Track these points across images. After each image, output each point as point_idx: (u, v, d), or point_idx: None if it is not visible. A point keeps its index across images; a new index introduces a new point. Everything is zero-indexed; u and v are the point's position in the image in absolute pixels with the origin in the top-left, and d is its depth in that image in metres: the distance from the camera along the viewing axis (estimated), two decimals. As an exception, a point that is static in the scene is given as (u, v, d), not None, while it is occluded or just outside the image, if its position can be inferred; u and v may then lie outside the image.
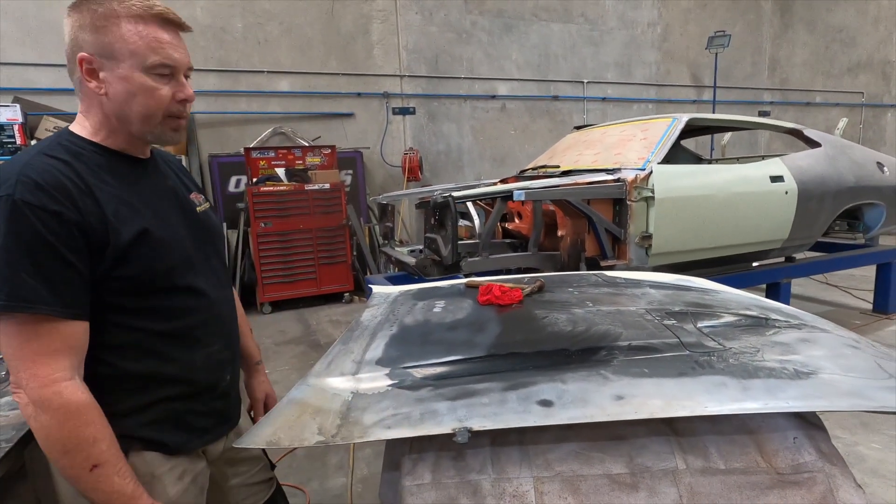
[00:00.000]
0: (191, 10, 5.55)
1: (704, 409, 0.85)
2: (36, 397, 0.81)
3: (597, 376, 0.97)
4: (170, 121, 0.96)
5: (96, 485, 0.85)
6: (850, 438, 2.47)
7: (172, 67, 0.93)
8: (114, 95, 0.91)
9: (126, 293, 0.92)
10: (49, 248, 0.81)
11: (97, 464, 0.84)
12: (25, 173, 0.83)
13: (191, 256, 1.02)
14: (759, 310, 1.34)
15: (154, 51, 0.90)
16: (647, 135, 3.29)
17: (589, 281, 1.71)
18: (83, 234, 0.85)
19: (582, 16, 7.50)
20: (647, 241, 2.96)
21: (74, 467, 0.84)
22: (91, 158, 0.92)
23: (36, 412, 0.82)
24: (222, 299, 1.10)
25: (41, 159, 0.86)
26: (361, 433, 0.87)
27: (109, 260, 0.88)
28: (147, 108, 0.92)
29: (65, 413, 0.82)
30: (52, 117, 4.86)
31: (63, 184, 0.84)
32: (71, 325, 0.85)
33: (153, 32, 0.90)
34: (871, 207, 4.00)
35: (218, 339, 1.08)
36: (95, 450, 0.84)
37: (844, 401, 0.87)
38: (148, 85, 0.91)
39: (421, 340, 1.21)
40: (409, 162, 6.39)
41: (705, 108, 8.41)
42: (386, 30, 6.45)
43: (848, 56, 9.75)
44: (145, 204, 0.96)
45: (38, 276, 0.81)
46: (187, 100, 0.96)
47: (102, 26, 0.87)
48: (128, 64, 0.89)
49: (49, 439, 0.83)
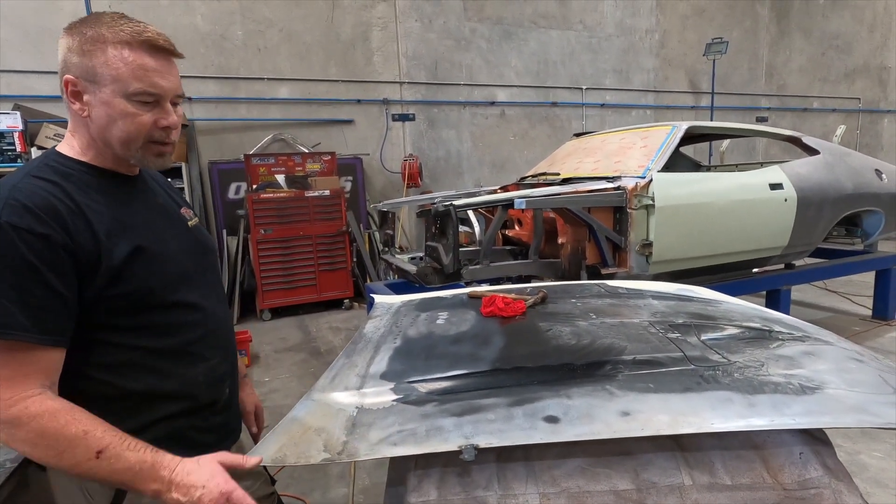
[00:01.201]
0: (191, 17, 5.58)
1: (711, 427, 0.85)
2: (5, 418, 0.78)
3: (602, 391, 0.97)
4: (152, 146, 0.95)
5: (112, 467, 0.81)
6: (852, 447, 2.47)
7: (156, 95, 0.91)
8: (96, 119, 0.91)
9: (121, 312, 0.91)
10: (33, 272, 0.80)
11: (100, 449, 0.80)
12: (13, 196, 0.82)
13: (186, 271, 1.02)
14: (762, 321, 1.35)
15: (137, 78, 0.89)
16: (646, 143, 3.30)
17: (591, 291, 1.71)
18: (72, 256, 0.84)
19: (580, 23, 7.55)
20: (648, 248, 2.97)
21: (80, 463, 0.80)
22: (80, 178, 0.91)
23: (11, 432, 0.79)
24: (219, 312, 1.10)
25: (29, 181, 0.86)
26: (367, 450, 0.86)
27: (103, 280, 0.87)
28: (127, 134, 0.91)
29: (38, 423, 0.79)
30: (52, 125, 4.86)
31: (53, 205, 0.84)
32: (47, 352, 0.83)
33: (139, 59, 0.89)
34: (870, 214, 4.01)
35: (216, 352, 1.07)
36: (91, 439, 0.80)
37: (850, 417, 0.87)
38: (128, 111, 0.90)
39: (425, 354, 1.21)
40: (409, 168, 6.40)
41: (703, 114, 8.45)
42: (385, 37, 6.48)
43: (844, 62, 9.82)
44: (138, 221, 0.96)
45: (18, 302, 0.79)
46: (170, 127, 0.95)
47: (89, 50, 0.88)
48: (109, 89, 0.88)
49: (37, 451, 0.80)
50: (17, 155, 4.54)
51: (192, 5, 5.61)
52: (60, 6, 5.09)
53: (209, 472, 0.84)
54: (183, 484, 0.82)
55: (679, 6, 8.24)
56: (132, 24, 0.90)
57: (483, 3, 6.93)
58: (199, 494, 0.81)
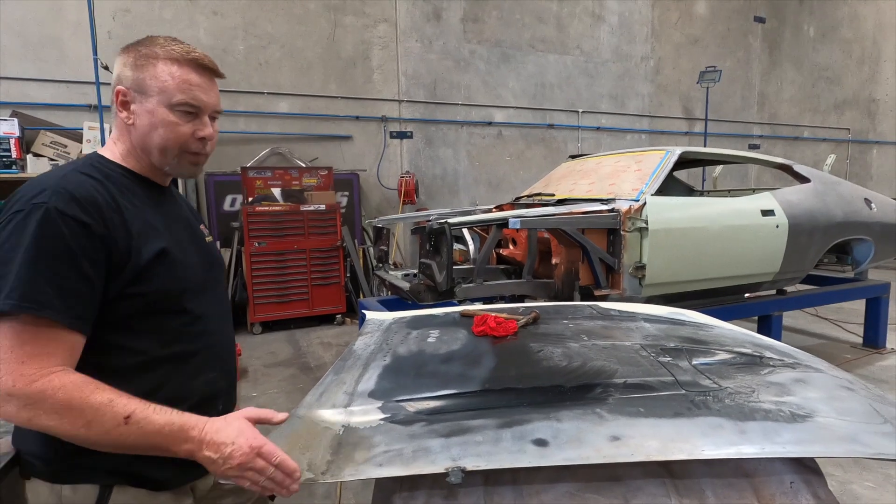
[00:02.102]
0: (194, 31, 5.65)
1: (702, 453, 0.84)
2: (27, 395, 0.79)
3: (592, 415, 0.96)
4: (188, 156, 1.02)
5: (142, 430, 0.82)
6: (844, 476, 2.45)
7: (197, 107, 0.99)
8: (139, 126, 0.98)
9: (137, 313, 0.94)
10: (71, 257, 0.85)
11: (127, 415, 0.81)
12: (62, 185, 0.88)
13: (201, 282, 1.06)
14: (753, 347, 1.34)
15: (181, 91, 0.97)
16: (641, 166, 3.34)
17: (584, 313, 1.70)
18: (106, 248, 0.89)
19: (577, 48, 7.70)
20: (641, 271, 2.98)
21: (110, 430, 0.81)
22: (119, 180, 0.99)
23: (35, 408, 0.79)
24: (224, 329, 1.13)
25: (77, 175, 0.93)
26: (352, 471, 0.85)
27: (128, 276, 0.92)
28: (166, 141, 0.99)
29: (64, 393, 0.80)
30: (49, 132, 4.86)
31: (95, 198, 0.90)
32: (71, 335, 0.85)
33: (185, 75, 0.97)
34: (860, 242, 4.06)
35: (216, 367, 1.08)
36: (117, 406, 0.82)
37: (840, 446, 0.86)
38: (170, 120, 0.97)
39: (414, 372, 1.20)
40: (406, 185, 6.43)
41: (697, 139, 8.59)
42: (386, 56, 6.58)
43: (834, 94, 10.06)
44: (165, 226, 1.02)
45: (54, 284, 0.83)
46: (206, 138, 1.02)
47: (142, 65, 0.97)
48: (155, 99, 0.97)
49: (65, 423, 0.80)
50: (13, 161, 4.52)
51: (195, 20, 5.68)
52: (64, 16, 5.13)
53: (237, 428, 0.86)
54: (213, 442, 0.84)
55: (674, 35, 8.44)
56: (182, 45, 0.99)
57: (482, 26, 7.07)
58: (229, 450, 0.83)
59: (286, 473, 0.83)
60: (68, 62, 5.18)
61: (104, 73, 4.29)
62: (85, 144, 4.83)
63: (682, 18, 8.48)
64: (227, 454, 0.83)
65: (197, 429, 0.85)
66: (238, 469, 0.82)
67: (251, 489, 0.84)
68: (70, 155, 4.86)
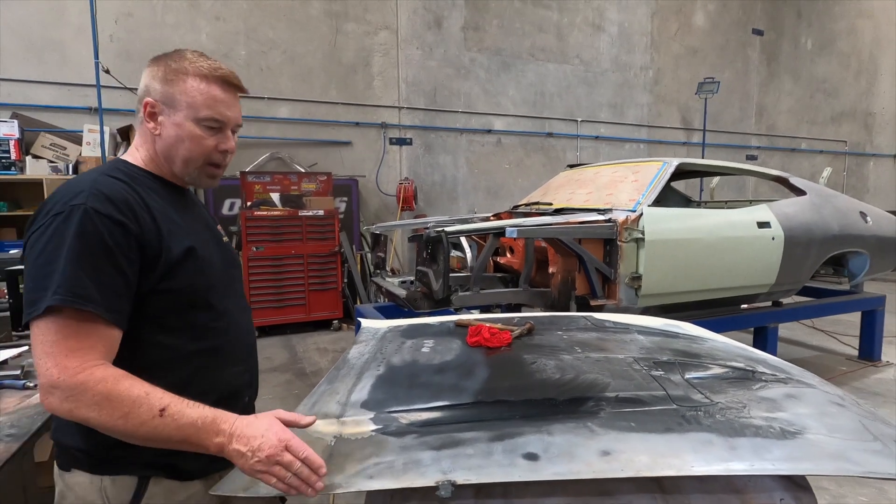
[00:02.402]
0: (196, 35, 5.67)
1: (691, 469, 0.84)
2: (70, 386, 0.82)
3: (584, 429, 0.96)
4: (208, 168, 1.08)
5: (177, 423, 0.85)
6: (838, 491, 2.44)
7: (221, 122, 1.04)
8: (165, 137, 1.03)
9: (168, 309, 0.99)
10: (109, 254, 0.89)
11: (162, 407, 0.84)
12: (97, 188, 0.93)
13: (223, 280, 1.10)
14: (746, 361, 1.35)
15: (208, 106, 1.02)
16: (638, 177, 3.36)
17: (578, 324, 1.71)
18: (140, 246, 0.94)
19: (577, 57, 7.76)
20: (637, 281, 2.99)
21: (145, 423, 0.84)
22: (144, 182, 1.03)
23: (77, 399, 0.83)
24: (244, 325, 1.17)
25: (107, 178, 0.97)
26: (343, 482, 0.85)
27: (160, 272, 0.96)
28: (190, 153, 1.04)
29: (104, 386, 0.83)
30: (49, 134, 4.87)
31: (127, 199, 0.95)
32: (109, 329, 0.89)
33: (212, 91, 1.02)
34: (856, 255, 4.08)
35: (240, 361, 1.13)
36: (153, 399, 0.85)
37: (830, 464, 0.87)
38: (196, 134, 1.03)
39: (408, 383, 1.20)
40: (404, 191, 6.44)
41: (695, 150, 8.63)
42: (386, 63, 6.61)
43: (831, 106, 10.13)
44: (189, 226, 1.07)
45: (94, 279, 0.87)
46: (228, 151, 1.08)
47: (171, 79, 1.01)
48: (183, 114, 1.01)
49: (104, 414, 0.83)
50: (12, 163, 4.53)
51: (197, 24, 5.71)
52: (66, 19, 5.16)
53: (266, 423, 0.88)
54: (243, 435, 0.85)
55: (673, 46, 8.50)
56: (210, 61, 1.04)
57: (483, 35, 7.11)
58: (258, 443, 0.84)
59: (313, 469, 0.84)
60: (70, 65, 5.20)
61: (105, 77, 4.30)
62: (84, 147, 4.84)
63: (681, 30, 8.55)
64: (256, 447, 0.84)
65: (228, 423, 0.87)
66: (266, 462, 0.83)
67: (276, 487, 0.84)
68: (69, 157, 4.86)
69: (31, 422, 1.17)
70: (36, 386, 1.39)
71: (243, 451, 0.84)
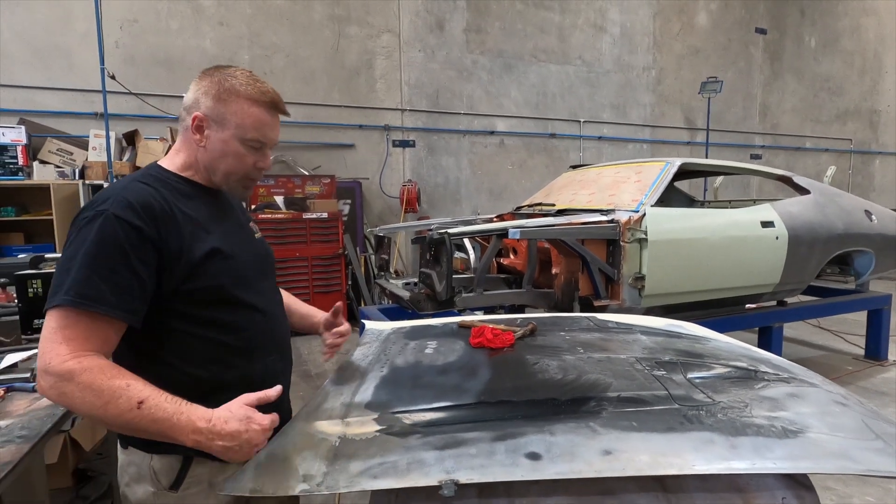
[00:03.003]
0: (200, 41, 5.72)
1: (692, 468, 0.85)
2: (59, 372, 0.88)
3: (585, 428, 0.97)
4: (245, 181, 1.15)
5: (152, 416, 0.89)
6: (844, 490, 2.43)
7: (264, 143, 1.12)
8: (210, 151, 1.10)
9: (196, 304, 1.04)
10: (124, 256, 0.95)
11: (141, 399, 0.89)
12: (123, 195, 1.00)
13: (251, 276, 1.16)
14: (748, 361, 1.35)
15: (255, 129, 1.09)
16: (640, 177, 3.36)
17: (581, 325, 1.71)
18: (157, 250, 0.99)
19: (579, 58, 7.76)
20: (640, 282, 2.99)
21: (123, 413, 0.88)
22: (175, 186, 1.10)
23: (62, 385, 0.88)
24: (277, 315, 1.23)
25: (136, 185, 1.04)
26: (347, 482, 0.86)
27: (183, 273, 1.01)
28: (232, 168, 1.11)
29: (88, 375, 0.88)
30: (56, 139, 4.92)
31: (150, 204, 1.00)
32: (113, 324, 0.95)
33: (260, 114, 1.09)
34: (861, 254, 4.06)
35: (273, 351, 1.19)
36: (133, 391, 0.89)
37: (832, 462, 0.87)
38: (240, 152, 1.10)
39: (411, 384, 1.21)
40: (408, 193, 6.46)
41: (698, 150, 8.61)
42: (389, 65, 6.64)
43: (836, 104, 10.08)
44: (216, 227, 1.12)
45: (107, 279, 0.93)
46: (264, 168, 1.16)
47: (224, 99, 1.07)
48: (231, 132, 1.08)
49: (85, 403, 0.88)
50: (19, 168, 4.58)
51: (201, 30, 5.75)
52: (72, 25, 5.21)
53: (242, 414, 0.93)
54: (226, 432, 0.91)
55: (675, 46, 8.49)
56: (259, 83, 1.10)
57: (485, 37, 7.13)
58: (246, 437, 0.91)
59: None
60: (75, 70, 5.25)
61: (111, 82, 4.35)
62: (90, 152, 4.89)
63: (683, 29, 8.54)
64: (244, 440, 0.91)
65: (204, 420, 0.91)
66: (254, 449, 0.92)
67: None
68: (76, 162, 4.91)
69: (41, 424, 1.19)
70: (45, 388, 1.41)
71: (230, 445, 0.90)
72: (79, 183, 4.70)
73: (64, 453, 2.35)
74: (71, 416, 1.41)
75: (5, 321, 2.10)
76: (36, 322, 1.89)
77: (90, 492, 2.40)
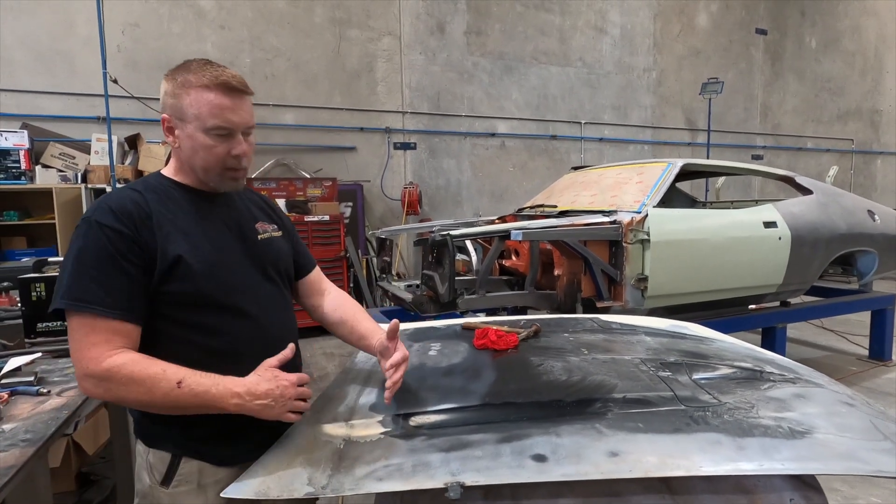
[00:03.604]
0: (201, 44, 5.73)
1: (700, 470, 0.84)
2: (98, 374, 0.94)
3: (591, 430, 0.96)
4: (228, 172, 1.11)
5: (194, 391, 0.96)
6: (850, 492, 2.42)
7: (228, 129, 1.07)
8: (184, 149, 1.09)
9: (177, 307, 1.05)
10: (111, 258, 0.98)
11: (179, 380, 0.95)
12: (104, 201, 1.03)
13: (241, 281, 1.12)
14: (753, 361, 1.35)
15: (213, 115, 1.05)
16: (642, 178, 3.36)
17: (584, 326, 1.71)
18: (139, 248, 1.01)
19: (580, 60, 7.76)
20: (643, 283, 2.98)
21: (166, 395, 0.95)
22: (165, 192, 1.10)
23: (106, 384, 0.95)
24: (275, 322, 1.17)
25: (122, 191, 1.07)
26: (352, 485, 0.86)
27: (158, 275, 1.02)
28: (206, 162, 1.08)
29: (127, 369, 0.94)
30: (58, 144, 4.93)
31: (127, 207, 1.02)
32: (122, 324, 0.99)
33: (216, 99, 1.04)
34: (864, 254, 4.04)
35: (269, 354, 1.10)
36: (170, 374, 0.96)
37: (839, 463, 0.87)
38: (207, 143, 1.06)
39: (416, 386, 1.21)
40: (409, 196, 6.46)
41: (700, 150, 8.60)
42: (390, 68, 6.65)
43: (837, 104, 10.07)
44: (198, 229, 1.09)
45: (98, 282, 0.97)
46: (241, 155, 1.10)
47: (179, 93, 1.05)
48: (193, 125, 1.05)
49: (131, 392, 0.95)
50: (22, 172, 4.59)
51: (203, 34, 5.77)
52: (75, 30, 5.23)
53: (270, 375, 1.01)
54: (261, 392, 0.99)
55: (676, 47, 8.49)
56: (213, 69, 1.06)
57: (485, 39, 7.14)
58: (278, 392, 0.99)
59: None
60: (78, 75, 5.27)
61: (112, 86, 4.36)
62: (93, 156, 4.90)
63: (683, 31, 8.54)
64: (278, 395, 0.99)
65: (240, 385, 0.99)
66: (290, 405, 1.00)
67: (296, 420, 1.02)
68: (78, 166, 4.92)
69: (45, 427, 1.19)
70: (49, 392, 1.41)
71: (266, 402, 0.98)
72: (81, 187, 4.70)
73: (67, 457, 2.35)
74: (75, 419, 1.41)
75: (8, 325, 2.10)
76: (39, 326, 1.89)
77: (93, 495, 2.40)
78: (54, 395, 1.40)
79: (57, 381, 1.52)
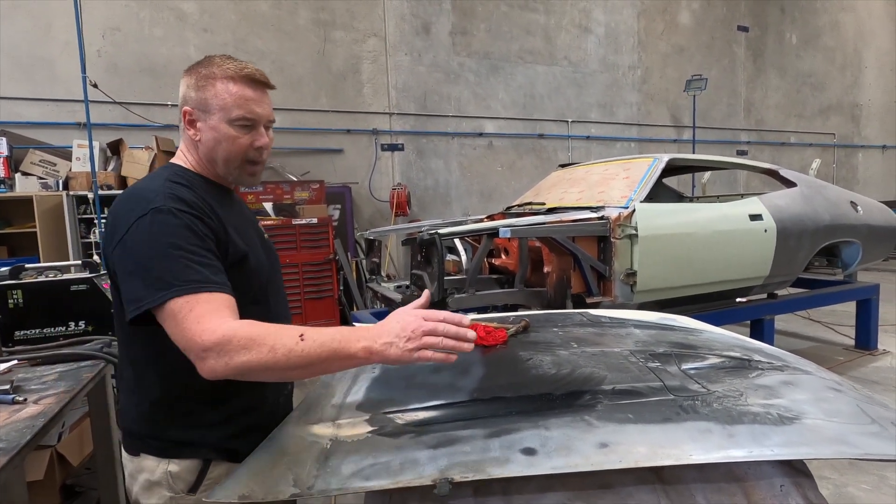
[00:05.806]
0: (184, 48, 5.67)
1: (690, 458, 0.83)
2: (215, 343, 0.89)
3: (581, 422, 0.95)
4: (248, 166, 1.12)
5: (319, 340, 0.90)
6: (840, 479, 2.44)
7: (252, 120, 1.08)
8: (205, 142, 1.09)
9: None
10: (201, 240, 0.99)
11: (300, 333, 0.91)
12: (170, 192, 1.01)
13: (267, 278, 1.17)
14: (742, 350, 1.35)
15: (238, 106, 1.06)
16: (629, 174, 3.37)
17: (574, 320, 1.70)
18: (215, 237, 1.03)
19: (565, 59, 7.80)
20: (632, 277, 2.99)
21: (292, 349, 0.89)
22: (201, 186, 1.10)
23: (225, 350, 0.88)
24: (287, 314, 1.25)
25: (171, 185, 1.04)
26: (339, 484, 0.84)
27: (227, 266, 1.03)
28: (229, 154, 1.09)
29: (244, 331, 0.90)
30: (38, 151, 4.84)
31: (196, 202, 1.03)
32: (227, 297, 0.98)
33: (241, 91, 1.07)
34: (848, 245, 4.10)
35: None
36: (287, 329, 0.91)
37: (829, 448, 0.86)
38: (230, 134, 1.07)
39: (404, 383, 1.19)
40: (398, 197, 6.44)
41: (685, 147, 8.68)
42: (376, 69, 6.63)
43: (818, 100, 10.23)
44: (241, 229, 1.13)
45: (200, 264, 0.96)
46: (263, 147, 1.12)
47: (203, 85, 1.07)
48: (217, 116, 1.07)
49: (254, 353, 0.89)
50: (1, 180, 4.50)
51: (185, 37, 5.71)
52: (54, 35, 5.14)
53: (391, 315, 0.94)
54: (385, 330, 0.91)
55: (660, 45, 8.57)
56: (236, 62, 1.09)
57: (471, 39, 7.15)
58: (400, 327, 0.90)
59: (456, 323, 0.90)
60: (58, 80, 5.18)
61: (93, 91, 4.29)
62: (74, 162, 4.82)
63: (667, 29, 8.63)
64: (398, 331, 0.89)
65: (362, 329, 0.94)
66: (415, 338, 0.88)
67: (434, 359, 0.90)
68: (59, 173, 4.84)
69: (20, 435, 1.15)
70: (25, 400, 1.37)
71: (392, 339, 0.89)
72: (63, 194, 4.62)
73: (51, 469, 2.29)
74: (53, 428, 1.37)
75: (-14, 334, 2.05)
76: (17, 334, 1.85)
77: (79, 507, 2.34)
78: (31, 402, 1.36)
79: (35, 388, 1.48)
